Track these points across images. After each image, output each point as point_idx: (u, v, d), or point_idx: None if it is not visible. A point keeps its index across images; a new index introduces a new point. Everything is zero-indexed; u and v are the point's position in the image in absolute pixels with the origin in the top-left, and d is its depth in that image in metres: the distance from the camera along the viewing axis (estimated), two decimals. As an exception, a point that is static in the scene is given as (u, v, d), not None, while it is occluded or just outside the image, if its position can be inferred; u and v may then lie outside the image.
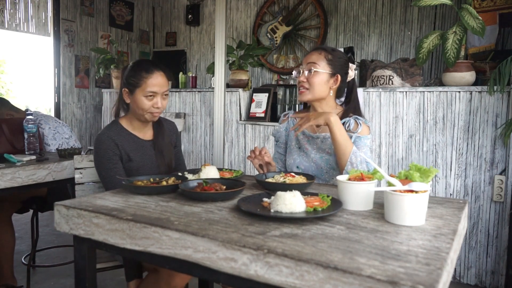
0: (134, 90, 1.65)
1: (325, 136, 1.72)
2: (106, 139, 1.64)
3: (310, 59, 1.68)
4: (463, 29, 2.41)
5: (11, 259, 2.41)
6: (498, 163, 2.43)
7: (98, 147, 1.63)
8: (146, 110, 1.65)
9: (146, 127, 1.77)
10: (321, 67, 1.66)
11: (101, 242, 1.07)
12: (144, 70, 1.64)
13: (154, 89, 1.63)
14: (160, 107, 1.66)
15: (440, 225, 1.01)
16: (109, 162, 1.62)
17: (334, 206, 1.09)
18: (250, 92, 3.54)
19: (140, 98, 1.64)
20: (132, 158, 1.68)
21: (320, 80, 1.67)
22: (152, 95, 1.63)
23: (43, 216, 3.62)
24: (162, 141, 1.78)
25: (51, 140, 2.61)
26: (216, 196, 1.22)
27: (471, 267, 2.54)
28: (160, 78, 1.65)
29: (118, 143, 1.65)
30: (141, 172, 1.66)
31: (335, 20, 4.51)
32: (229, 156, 3.48)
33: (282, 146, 1.86)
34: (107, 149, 1.62)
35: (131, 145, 1.70)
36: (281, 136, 1.87)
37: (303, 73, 1.68)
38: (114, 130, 1.69)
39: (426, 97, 2.61)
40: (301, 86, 1.69)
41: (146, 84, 1.62)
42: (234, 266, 0.85)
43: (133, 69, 1.67)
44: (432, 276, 0.70)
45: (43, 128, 2.62)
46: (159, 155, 1.75)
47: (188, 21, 5.39)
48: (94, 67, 4.66)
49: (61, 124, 2.73)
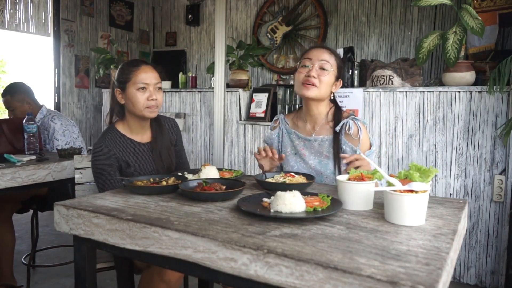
0: (125, 86, 1.64)
1: (323, 139, 1.68)
2: (102, 149, 1.62)
3: (322, 56, 1.61)
4: (463, 29, 2.41)
5: (11, 259, 2.41)
6: (498, 163, 2.43)
7: (95, 158, 1.62)
8: (142, 104, 1.62)
9: (144, 129, 1.74)
10: (332, 68, 1.63)
11: (101, 242, 1.07)
12: (132, 66, 1.66)
13: (145, 80, 1.62)
14: (155, 99, 1.64)
15: (440, 225, 1.01)
16: (105, 174, 1.61)
17: (334, 206, 1.09)
18: (250, 92, 3.54)
19: (133, 93, 1.62)
20: (130, 164, 1.66)
21: (329, 81, 1.63)
22: (144, 87, 1.62)
23: (43, 216, 3.62)
24: (161, 143, 1.75)
25: (60, 136, 2.66)
26: (216, 196, 1.22)
27: (471, 267, 2.54)
28: (149, 70, 1.66)
29: (115, 151, 1.63)
30: (139, 175, 1.64)
31: (335, 20, 4.51)
32: (229, 156, 3.48)
33: (276, 152, 1.81)
34: (104, 162, 1.61)
35: (129, 151, 1.68)
36: (273, 142, 1.80)
37: (314, 68, 1.60)
38: (109, 138, 1.66)
39: (426, 97, 2.61)
40: (309, 81, 1.60)
41: (136, 77, 1.62)
42: (234, 266, 0.85)
43: (121, 68, 1.68)
44: (432, 276, 0.70)
45: (55, 123, 2.68)
46: (157, 158, 1.72)
47: (188, 21, 5.39)
48: (94, 67, 4.66)
49: (71, 124, 2.80)
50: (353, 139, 1.63)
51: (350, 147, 1.64)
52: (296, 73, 1.66)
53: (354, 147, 1.63)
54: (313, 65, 1.61)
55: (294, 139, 1.75)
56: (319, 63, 1.61)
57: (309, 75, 1.60)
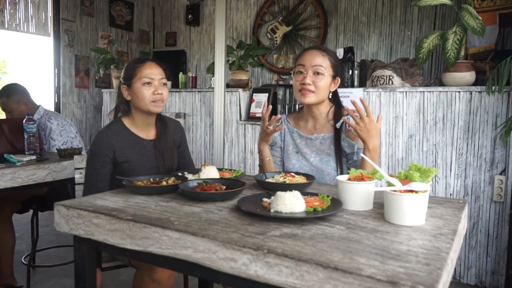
0: (131, 82, 1.68)
1: (324, 137, 1.70)
2: (103, 139, 1.63)
3: (315, 62, 1.63)
4: (463, 29, 2.41)
5: (11, 259, 2.41)
6: (498, 163, 2.43)
7: (94, 144, 1.65)
8: (148, 99, 1.65)
9: (149, 126, 1.75)
10: (327, 71, 1.63)
11: (101, 242, 1.07)
12: (137, 62, 1.71)
13: (150, 75, 1.67)
14: (161, 94, 1.67)
15: (440, 225, 1.01)
16: (97, 163, 1.62)
17: (334, 206, 1.09)
18: (250, 92, 3.54)
19: (139, 88, 1.66)
20: (130, 159, 1.66)
21: (325, 84, 1.64)
22: (149, 81, 1.66)
23: (43, 216, 3.62)
24: (165, 142, 1.76)
25: (57, 136, 2.65)
26: (216, 196, 1.22)
27: (471, 267, 2.54)
28: (154, 66, 1.71)
29: (116, 143, 1.65)
30: (139, 173, 1.65)
31: (335, 20, 4.51)
32: (229, 156, 3.48)
33: (278, 149, 1.82)
34: (100, 151, 1.62)
35: (130, 145, 1.69)
36: (276, 140, 1.82)
37: (308, 75, 1.62)
38: (114, 129, 1.68)
39: (426, 97, 2.61)
40: (305, 88, 1.63)
41: (141, 73, 1.66)
42: (234, 266, 0.85)
43: (126, 66, 1.74)
44: (432, 276, 0.70)
45: (52, 123, 2.67)
46: (160, 156, 1.73)
47: (188, 21, 5.39)
48: (94, 67, 4.66)
49: (68, 123, 2.78)
50: (353, 135, 1.65)
51: (349, 142, 1.67)
52: (293, 80, 1.69)
53: (352, 142, 1.66)
54: (307, 72, 1.63)
55: (296, 138, 1.77)
56: (313, 69, 1.63)
57: (304, 82, 1.63)
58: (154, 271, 1.56)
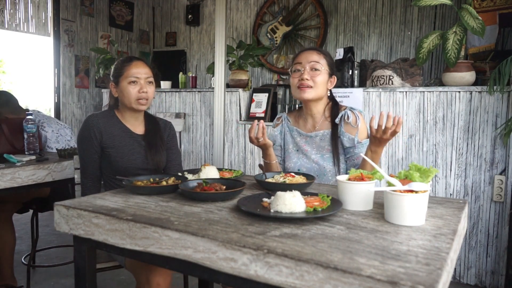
0: (118, 80, 1.76)
1: (323, 133, 1.72)
2: (91, 122, 1.72)
3: (312, 58, 1.67)
4: (463, 29, 2.41)
5: (11, 259, 2.41)
6: (498, 163, 2.43)
7: (81, 130, 1.74)
8: (133, 97, 1.73)
9: (137, 121, 1.82)
10: (324, 67, 1.67)
11: (101, 242, 1.07)
12: (124, 61, 1.79)
13: (136, 74, 1.74)
14: (146, 92, 1.74)
15: (440, 225, 1.01)
16: (85, 146, 1.72)
17: (334, 206, 1.09)
18: (250, 92, 3.54)
19: (125, 86, 1.74)
20: (116, 146, 1.72)
21: (323, 80, 1.68)
22: (135, 80, 1.73)
23: (43, 216, 3.62)
24: (153, 138, 1.81)
25: (54, 143, 2.60)
26: (216, 196, 1.22)
27: (471, 267, 2.54)
28: (140, 64, 1.77)
29: (104, 128, 1.72)
30: (127, 164, 1.70)
31: (335, 20, 4.51)
32: (229, 156, 3.48)
33: (279, 148, 1.84)
34: (87, 136, 1.71)
35: (119, 134, 1.75)
36: (276, 139, 1.84)
37: (306, 71, 1.66)
38: (105, 115, 1.78)
39: (426, 97, 2.61)
40: (304, 84, 1.65)
41: (128, 72, 1.74)
42: (234, 266, 0.85)
43: (115, 65, 1.82)
44: (432, 276, 0.70)
45: (46, 131, 2.61)
46: (147, 150, 1.77)
47: (188, 21, 5.39)
48: (94, 67, 4.66)
49: (62, 126, 2.73)
50: (352, 128, 1.67)
51: (348, 137, 1.68)
52: (291, 79, 1.72)
53: (352, 136, 1.67)
54: (304, 68, 1.67)
55: (296, 136, 1.79)
56: (310, 65, 1.66)
57: (302, 78, 1.65)
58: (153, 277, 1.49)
